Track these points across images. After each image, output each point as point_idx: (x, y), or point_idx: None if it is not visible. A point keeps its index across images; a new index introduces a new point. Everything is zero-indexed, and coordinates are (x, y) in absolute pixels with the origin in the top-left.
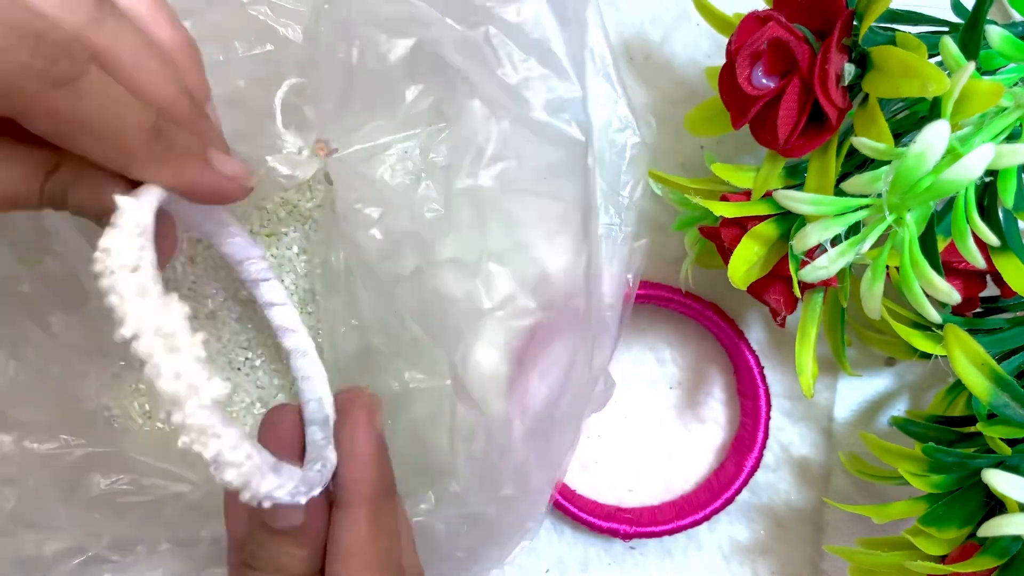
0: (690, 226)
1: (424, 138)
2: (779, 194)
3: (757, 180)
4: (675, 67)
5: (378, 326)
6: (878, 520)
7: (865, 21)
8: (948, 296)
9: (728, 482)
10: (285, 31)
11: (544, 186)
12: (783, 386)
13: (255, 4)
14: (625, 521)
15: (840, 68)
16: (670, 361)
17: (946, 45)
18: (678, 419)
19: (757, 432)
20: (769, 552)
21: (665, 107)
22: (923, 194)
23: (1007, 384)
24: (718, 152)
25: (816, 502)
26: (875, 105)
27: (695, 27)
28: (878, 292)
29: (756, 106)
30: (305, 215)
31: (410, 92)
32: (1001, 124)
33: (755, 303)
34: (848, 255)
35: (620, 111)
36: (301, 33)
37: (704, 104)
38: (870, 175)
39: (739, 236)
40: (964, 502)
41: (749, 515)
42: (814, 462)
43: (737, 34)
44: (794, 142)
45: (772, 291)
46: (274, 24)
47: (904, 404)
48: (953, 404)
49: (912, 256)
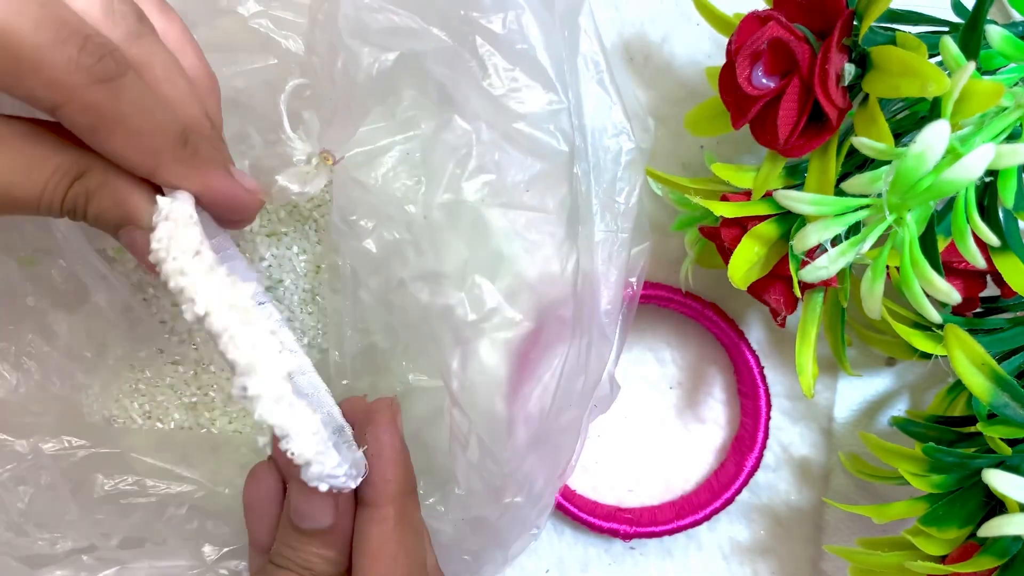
0: (690, 226)
1: (424, 140)
2: (779, 194)
3: (757, 180)
4: (675, 67)
5: (381, 328)
6: (878, 520)
7: (865, 21)
8: (948, 296)
9: (728, 482)
10: (287, 43)
11: (528, 197)
12: (783, 386)
13: (256, 17)
14: (625, 521)
15: (840, 68)
16: (670, 361)
17: (946, 45)
18: (678, 419)
19: (757, 432)
20: (769, 552)
21: (665, 107)
22: (923, 194)
23: (1007, 384)
24: (718, 152)
25: (816, 502)
26: (875, 105)
27: (695, 27)
28: (878, 292)
29: (756, 106)
30: (305, 215)
31: (395, 102)
32: (1001, 124)
33: (755, 303)
34: (848, 255)
35: (615, 117)
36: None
37: (704, 104)
38: (870, 175)
39: (739, 236)
40: (964, 502)
41: (749, 515)
42: (814, 462)
43: (737, 34)
44: (794, 142)
45: (772, 291)
46: (276, 36)
47: (904, 404)
48: (953, 404)
49: (912, 256)
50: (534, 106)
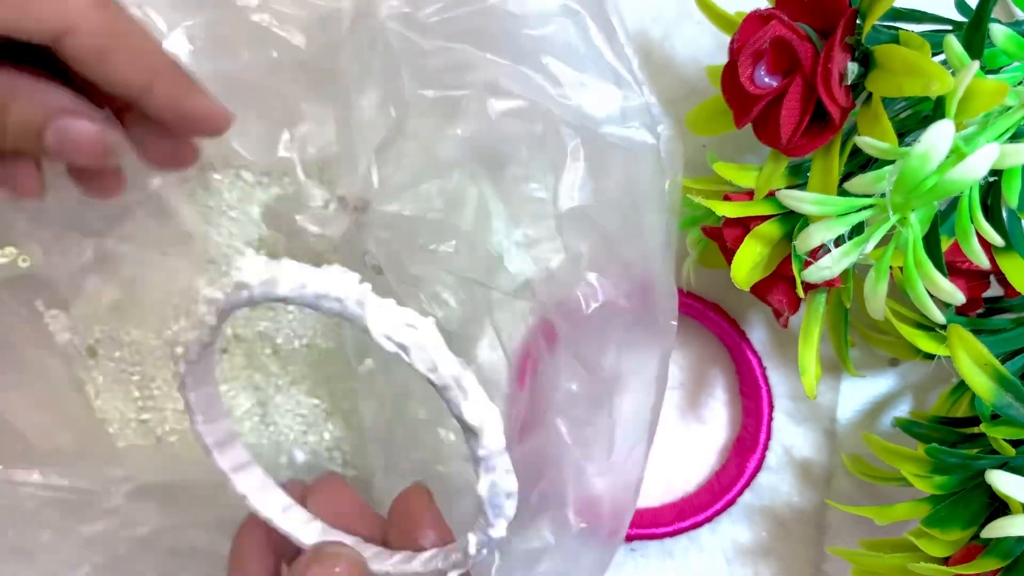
0: (692, 226)
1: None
2: (782, 194)
3: (760, 179)
4: (677, 66)
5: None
6: (881, 522)
7: (868, 20)
8: (952, 296)
9: (730, 483)
10: (289, 37)
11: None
12: (786, 387)
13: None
14: None
15: (843, 67)
16: (672, 361)
17: (950, 44)
18: (680, 420)
19: (759, 433)
20: (771, 554)
21: (666, 106)
22: (927, 194)
23: (1011, 384)
24: (720, 151)
25: (819, 503)
26: (879, 104)
27: (697, 25)
28: (882, 292)
29: (759, 105)
30: (318, 252)
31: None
32: (1005, 123)
33: (758, 303)
34: (852, 255)
35: (651, 102)
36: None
37: (706, 103)
38: (874, 175)
39: (742, 236)
40: (967, 503)
41: (751, 516)
42: (817, 463)
43: (739, 33)
44: (797, 141)
45: (775, 291)
46: (278, 31)
47: (907, 405)
48: (957, 405)
49: (916, 256)
50: (612, 107)
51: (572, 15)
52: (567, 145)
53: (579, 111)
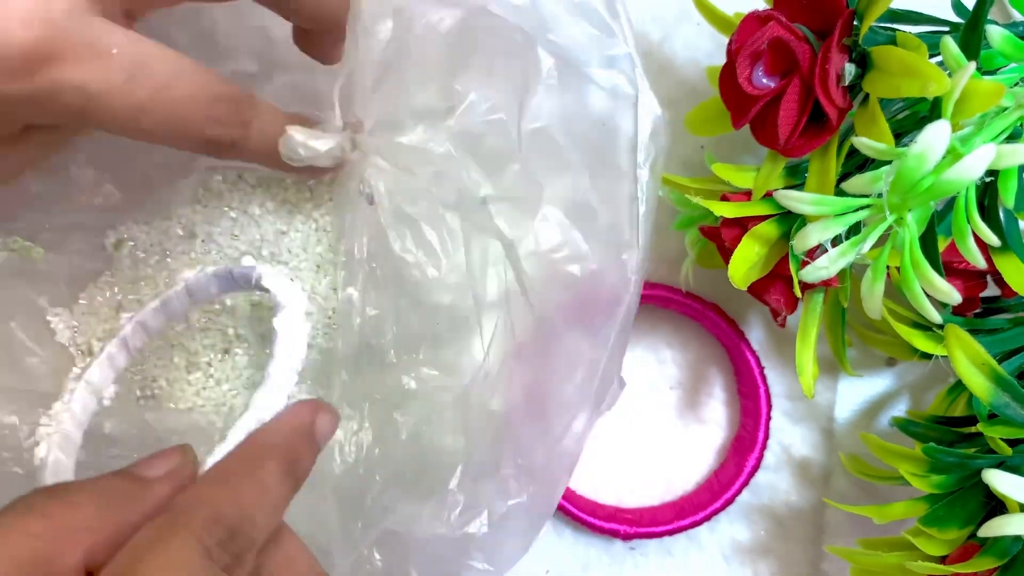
0: (690, 226)
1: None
2: (780, 194)
3: (757, 180)
4: (675, 66)
5: (393, 317)
6: (879, 521)
7: (866, 21)
8: (949, 296)
9: (728, 482)
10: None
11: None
12: (784, 386)
13: None
14: (625, 521)
15: (840, 68)
16: (670, 361)
17: (947, 45)
18: (678, 419)
19: (757, 432)
20: (770, 552)
21: (665, 107)
22: (924, 194)
23: (1008, 384)
24: (718, 152)
25: (817, 502)
26: (876, 105)
27: (695, 26)
28: (879, 292)
29: (756, 106)
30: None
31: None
32: (1002, 124)
33: (755, 303)
34: (849, 255)
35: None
36: None
37: (704, 104)
38: (871, 175)
39: (739, 236)
40: (965, 502)
41: (750, 515)
42: (815, 462)
43: (738, 34)
44: (794, 142)
45: (773, 291)
46: None
47: (905, 404)
48: (954, 404)
49: (913, 256)
50: (600, 53)
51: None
52: (542, 64)
53: (561, 45)
